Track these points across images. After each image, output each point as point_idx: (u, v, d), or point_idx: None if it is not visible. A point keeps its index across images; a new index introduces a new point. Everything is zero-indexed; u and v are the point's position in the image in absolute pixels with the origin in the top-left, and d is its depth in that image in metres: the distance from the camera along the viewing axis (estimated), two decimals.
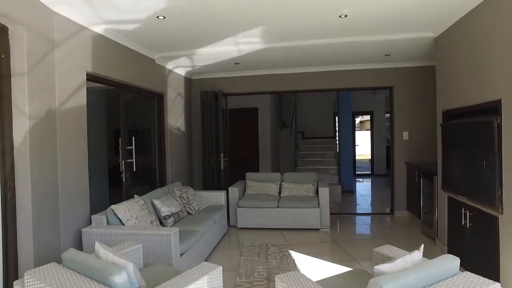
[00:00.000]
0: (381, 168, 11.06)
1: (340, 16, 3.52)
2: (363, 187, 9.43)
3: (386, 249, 2.38)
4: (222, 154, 5.59)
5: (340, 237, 4.78)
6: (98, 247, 1.95)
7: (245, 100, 8.40)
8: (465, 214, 3.48)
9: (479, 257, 3.26)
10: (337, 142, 9.99)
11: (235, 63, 5.40)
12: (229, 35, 4.06)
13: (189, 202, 4.55)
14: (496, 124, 2.91)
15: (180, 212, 4.17)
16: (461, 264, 1.87)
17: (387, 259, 2.25)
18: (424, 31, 4.16)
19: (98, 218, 3.23)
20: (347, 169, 8.16)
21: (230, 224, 5.36)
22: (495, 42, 2.93)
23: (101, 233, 3.02)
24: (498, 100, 2.90)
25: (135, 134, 4.31)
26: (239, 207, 5.26)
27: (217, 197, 5.05)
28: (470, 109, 3.45)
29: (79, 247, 3.12)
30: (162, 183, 5.06)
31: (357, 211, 6.42)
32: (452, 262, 1.74)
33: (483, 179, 3.14)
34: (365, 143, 13.04)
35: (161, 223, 3.85)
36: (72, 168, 3.11)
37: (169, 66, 5.26)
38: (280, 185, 5.75)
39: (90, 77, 3.46)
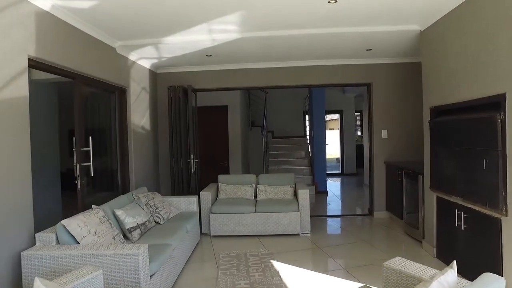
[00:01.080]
0: (351, 167, 11.04)
1: (329, 2, 3.17)
2: (335, 187, 9.29)
3: (398, 263, 2.05)
4: (192, 155, 5.08)
5: (322, 243, 4.47)
6: (39, 284, 1.42)
7: (214, 97, 7.91)
8: (459, 215, 3.28)
9: (476, 260, 3.06)
10: (308, 141, 9.80)
11: (207, 55, 4.92)
12: (204, 20, 3.58)
13: (157, 210, 4.01)
14: (500, 120, 2.71)
15: (147, 223, 3.62)
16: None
17: (404, 276, 1.92)
18: (410, 24, 3.94)
19: (45, 236, 2.61)
20: (321, 169, 7.94)
21: (203, 232, 4.87)
22: (499, 32, 2.71)
23: (47, 257, 2.39)
24: (501, 95, 2.69)
25: (92, 134, 3.69)
26: (212, 213, 4.78)
27: (188, 203, 4.54)
28: (464, 105, 3.26)
29: (17, 276, 2.48)
30: (125, 189, 4.46)
31: (335, 213, 6.17)
32: (499, 284, 1.43)
33: (482, 178, 2.93)
34: (331, 142, 13.01)
35: (126, 237, 3.29)
36: (8, 174, 2.48)
37: (133, 57, 4.66)
38: (256, 187, 5.35)
39: (35, 64, 2.84)
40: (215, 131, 8.03)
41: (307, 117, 10.69)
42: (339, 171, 11.19)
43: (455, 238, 3.39)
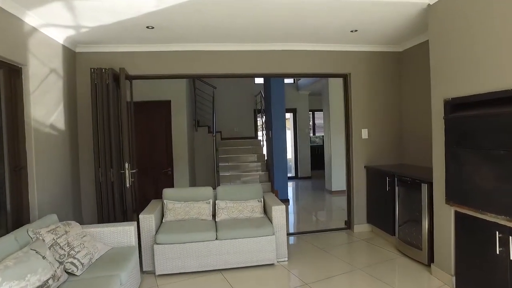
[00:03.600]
0: (306, 170, 10.31)
1: None
2: (294, 194, 8.39)
3: None
4: (127, 164, 3.69)
5: (307, 275, 3.43)
6: None
7: (155, 89, 6.50)
8: (503, 240, 2.47)
9: None
10: (262, 143, 8.81)
11: (148, 27, 3.59)
12: None
13: (71, 252, 2.60)
14: None
15: (50, 280, 2.22)
16: None
17: None
18: None
19: None
20: (282, 175, 6.96)
21: (144, 270, 3.54)
22: None
23: None
24: None
25: None
26: (157, 243, 3.47)
27: (123, 233, 3.17)
28: (502, 95, 2.46)
29: None
30: (20, 221, 2.94)
31: (307, 227, 5.20)
32: None
33: None
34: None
35: None
36: None
37: (32, 20, 3.13)
38: (214, 204, 4.14)
39: None
40: (155, 131, 6.61)
41: (258, 116, 9.70)
42: (292, 175, 10.37)
43: (494, 269, 2.58)
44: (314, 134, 11.50)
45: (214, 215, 4.09)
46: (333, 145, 7.59)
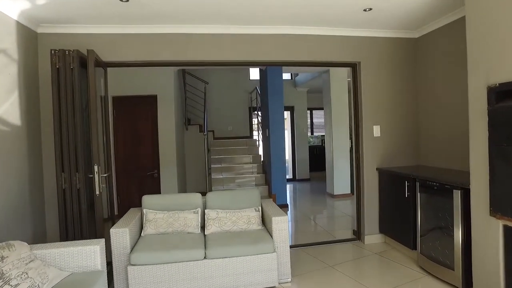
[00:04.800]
0: (304, 172, 9.71)
1: None
2: (293, 198, 7.77)
3: None
4: (96, 167, 3.02)
5: None
6: None
7: (139, 82, 5.87)
8: None
9: None
10: (258, 142, 8.18)
11: (122, 0, 2.94)
12: None
13: (10, 283, 1.94)
14: None
15: None
16: None
17: None
18: None
19: None
20: (280, 178, 6.33)
21: None
22: None
23: None
24: None
25: None
26: (132, 264, 2.82)
27: (86, 255, 2.51)
28: None
29: None
30: None
31: (310, 238, 4.56)
32: None
33: None
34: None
35: None
36: None
37: None
38: (204, 214, 3.50)
39: None
40: (140, 129, 5.96)
41: (253, 114, 9.08)
42: (290, 177, 9.75)
43: None
44: (312, 133, 10.91)
45: (203, 227, 3.46)
46: (335, 145, 6.99)
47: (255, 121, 9.14)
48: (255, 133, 9.18)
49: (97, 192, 3.04)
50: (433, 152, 4.02)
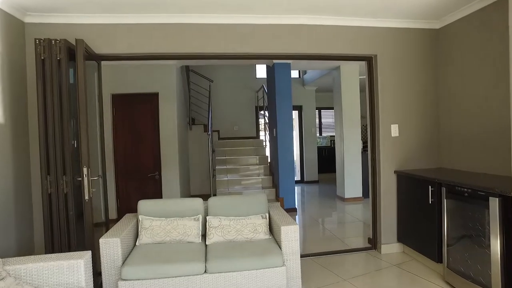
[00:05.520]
0: (312, 173, 9.35)
1: None
2: (301, 202, 7.42)
3: None
4: (85, 169, 2.72)
5: None
6: None
7: (139, 79, 5.59)
8: None
9: None
10: (265, 143, 7.85)
11: None
12: None
13: None
14: None
15: None
16: None
17: None
18: None
19: None
20: (288, 180, 5.99)
21: None
22: None
23: None
24: None
25: None
26: (123, 279, 2.51)
27: (68, 270, 2.20)
28: None
29: None
30: None
31: (321, 247, 4.21)
32: None
33: None
34: None
35: None
36: None
37: None
38: (205, 221, 3.19)
39: None
40: (140, 128, 5.68)
41: (260, 113, 8.75)
42: (298, 178, 9.40)
43: None
44: (320, 134, 10.54)
45: (204, 235, 3.14)
46: (346, 146, 6.63)
47: (261, 121, 8.82)
48: (261, 133, 8.86)
49: (87, 197, 2.74)
50: (457, 154, 3.65)
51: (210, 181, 6.30)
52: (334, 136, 9.90)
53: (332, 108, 9.38)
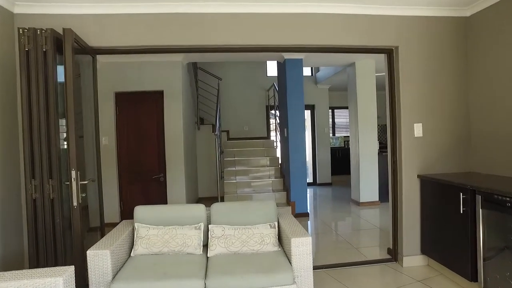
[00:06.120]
0: (325, 176, 8.97)
1: None
2: (313, 206, 7.05)
3: None
4: (73, 173, 2.45)
5: None
6: None
7: (143, 76, 5.34)
8: None
9: None
10: (276, 144, 7.53)
11: None
12: None
13: None
14: None
15: None
16: None
17: None
18: None
19: None
20: (300, 183, 5.65)
21: None
22: None
23: None
24: None
25: None
26: None
27: None
28: None
29: None
30: None
31: (335, 258, 3.87)
32: None
33: None
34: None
35: None
36: None
37: None
38: (207, 231, 2.88)
39: None
40: (144, 128, 5.43)
41: (271, 113, 8.44)
42: (310, 180, 9.03)
43: None
44: (334, 134, 10.15)
45: (206, 246, 2.84)
46: (362, 148, 6.25)
47: (272, 120, 8.50)
48: (272, 133, 8.54)
49: (75, 204, 2.46)
50: (492, 157, 3.25)
51: (217, 183, 6.01)
52: (347, 136, 9.51)
53: (346, 108, 8.99)
